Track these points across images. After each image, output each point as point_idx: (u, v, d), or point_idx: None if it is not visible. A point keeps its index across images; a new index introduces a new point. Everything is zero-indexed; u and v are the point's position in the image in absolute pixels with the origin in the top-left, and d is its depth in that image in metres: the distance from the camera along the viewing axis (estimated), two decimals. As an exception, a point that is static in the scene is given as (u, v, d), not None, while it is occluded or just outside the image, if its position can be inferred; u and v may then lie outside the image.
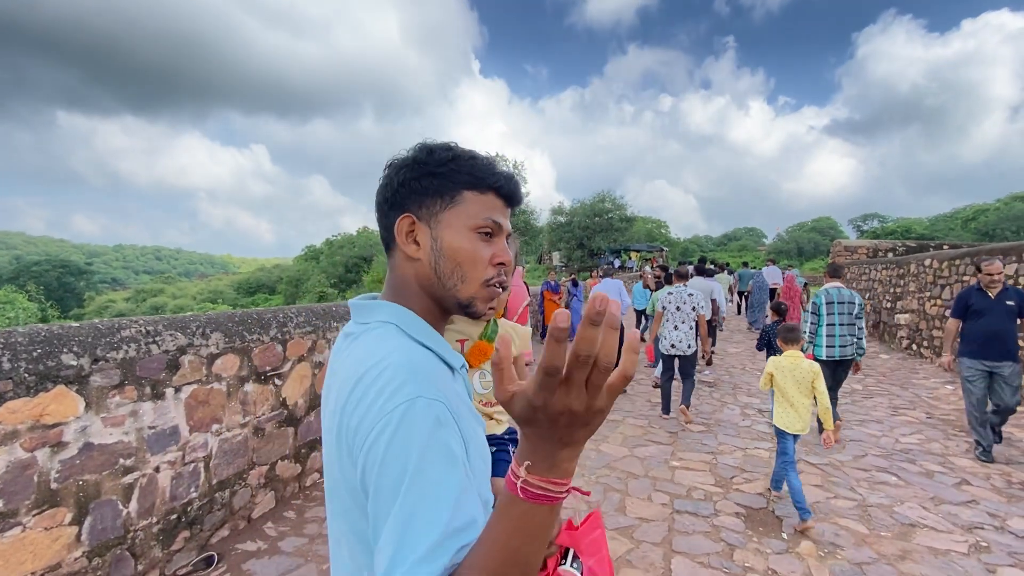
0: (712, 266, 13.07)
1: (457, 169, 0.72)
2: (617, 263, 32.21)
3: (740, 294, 15.15)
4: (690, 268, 7.26)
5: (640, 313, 8.80)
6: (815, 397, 3.25)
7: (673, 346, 5.13)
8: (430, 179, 0.72)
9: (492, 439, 1.54)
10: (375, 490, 0.55)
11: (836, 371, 4.64)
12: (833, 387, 4.66)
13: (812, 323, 4.66)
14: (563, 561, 0.89)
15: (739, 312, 15.23)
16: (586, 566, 0.87)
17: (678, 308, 5.17)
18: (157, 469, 2.45)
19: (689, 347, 5.10)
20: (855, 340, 4.56)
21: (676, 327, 5.15)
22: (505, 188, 0.74)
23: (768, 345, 5.29)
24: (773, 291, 12.20)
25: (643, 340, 6.97)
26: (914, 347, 8.85)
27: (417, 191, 0.72)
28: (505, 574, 0.50)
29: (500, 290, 0.74)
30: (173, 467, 2.52)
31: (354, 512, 0.60)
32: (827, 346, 4.58)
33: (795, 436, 3.29)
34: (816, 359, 4.55)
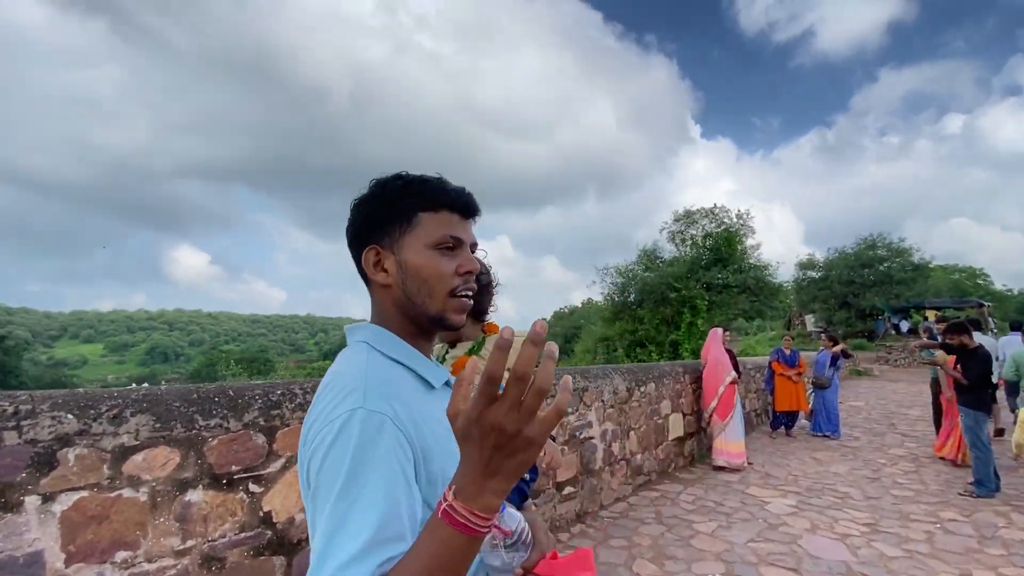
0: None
1: (409, 194, 0.77)
2: (906, 326, 24.28)
3: None
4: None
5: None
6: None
7: None
8: (386, 209, 0.77)
9: None
10: (313, 493, 0.62)
11: None
12: None
13: None
14: None
15: None
16: None
17: None
18: (-2, 620, 1.66)
19: None
20: None
21: None
22: (457, 202, 0.79)
23: None
24: None
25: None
26: None
27: (377, 222, 0.78)
28: None
29: (469, 300, 0.79)
30: (27, 618, 1.71)
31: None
32: None
33: None
34: None
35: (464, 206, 0.79)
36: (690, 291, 18.84)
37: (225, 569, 2.15)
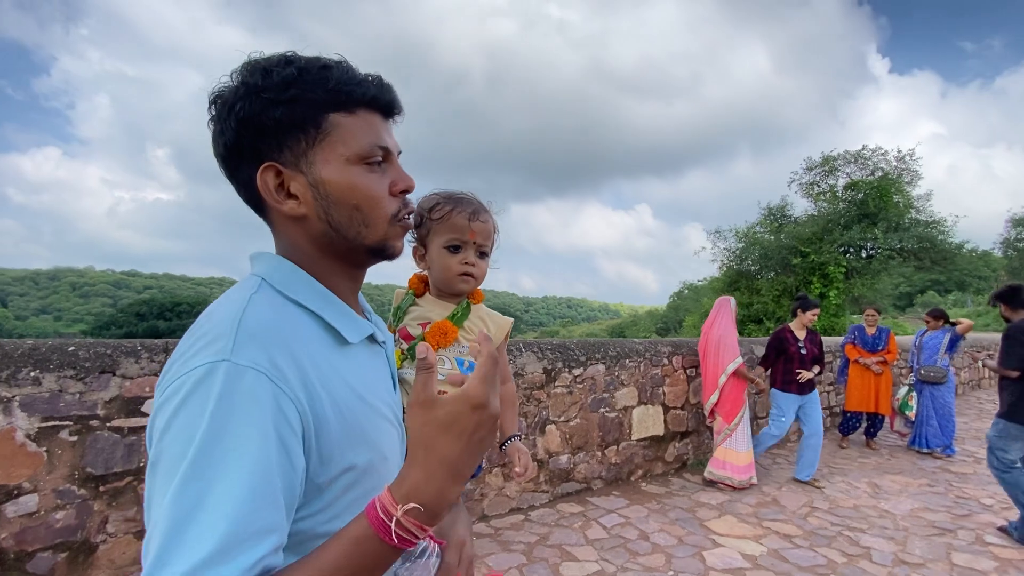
0: None
1: (309, 87, 0.56)
2: None
3: None
4: None
5: None
6: None
7: None
8: (277, 109, 0.55)
9: None
10: (152, 465, 0.47)
11: None
12: None
13: None
14: None
15: None
16: None
17: None
18: None
19: None
20: None
21: None
22: (379, 98, 0.60)
23: None
24: None
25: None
26: None
27: (269, 130, 0.56)
28: None
29: (411, 222, 0.65)
30: None
31: None
32: None
33: None
34: None
35: (386, 103, 0.61)
36: (821, 256, 15.28)
37: None
